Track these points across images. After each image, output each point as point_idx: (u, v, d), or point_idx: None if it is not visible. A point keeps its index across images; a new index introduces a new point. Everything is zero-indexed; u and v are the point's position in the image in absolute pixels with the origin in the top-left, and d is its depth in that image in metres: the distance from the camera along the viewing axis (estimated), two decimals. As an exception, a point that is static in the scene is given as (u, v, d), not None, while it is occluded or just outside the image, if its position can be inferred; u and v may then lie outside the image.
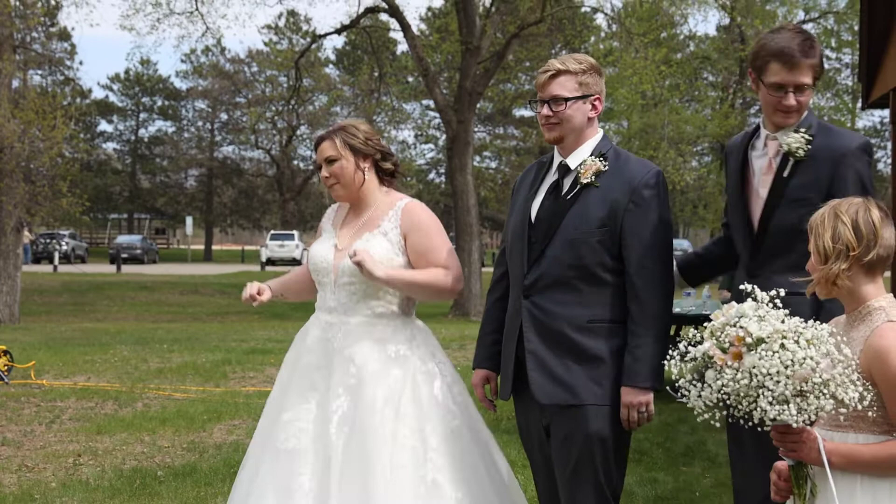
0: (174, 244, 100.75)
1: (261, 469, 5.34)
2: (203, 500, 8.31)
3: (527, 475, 8.58)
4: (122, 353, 18.58)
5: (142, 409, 12.62)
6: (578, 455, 5.01)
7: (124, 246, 68.20)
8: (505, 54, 31.30)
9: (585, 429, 4.97)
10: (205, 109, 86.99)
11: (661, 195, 5.00)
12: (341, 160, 5.52)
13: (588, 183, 5.02)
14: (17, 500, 8.43)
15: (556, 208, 5.08)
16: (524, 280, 5.13)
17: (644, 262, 4.91)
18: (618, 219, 4.93)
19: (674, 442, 10.55)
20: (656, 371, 4.87)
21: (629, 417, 4.91)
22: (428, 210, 5.65)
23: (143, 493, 8.66)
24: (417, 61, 31.45)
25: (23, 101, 28.88)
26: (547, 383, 5.09)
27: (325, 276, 5.55)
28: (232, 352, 18.61)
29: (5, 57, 27.63)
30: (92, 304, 36.09)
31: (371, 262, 5.19)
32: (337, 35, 38.25)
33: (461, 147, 30.42)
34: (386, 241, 5.46)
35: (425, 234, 5.51)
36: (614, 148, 5.13)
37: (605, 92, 5.23)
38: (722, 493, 8.55)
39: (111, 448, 10.40)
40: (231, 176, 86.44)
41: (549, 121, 5.14)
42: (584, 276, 4.98)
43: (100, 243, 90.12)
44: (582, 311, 4.99)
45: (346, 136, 5.55)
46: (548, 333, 5.07)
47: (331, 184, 5.58)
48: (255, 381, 15.00)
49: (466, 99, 30.17)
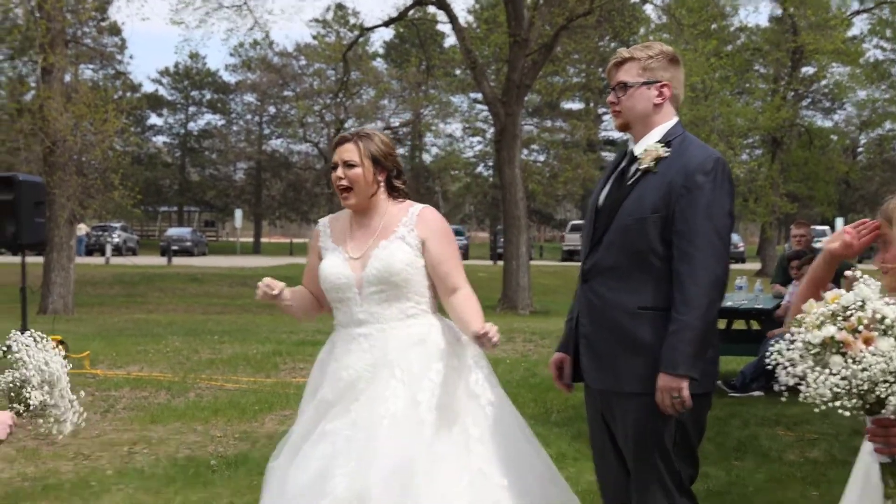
0: (223, 237, 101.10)
1: (292, 475, 5.30)
2: (256, 489, 8.33)
3: (578, 467, 8.64)
4: (173, 344, 18.71)
5: (194, 399, 12.73)
6: (634, 444, 5.03)
7: (175, 238, 68.55)
8: (553, 46, 31.21)
9: (634, 417, 4.99)
10: (253, 103, 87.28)
11: (718, 182, 4.91)
12: (360, 167, 5.50)
13: (647, 169, 5.01)
14: (74, 487, 8.55)
15: (617, 195, 5.10)
16: (584, 264, 5.19)
17: (690, 249, 4.85)
18: (671, 204, 4.90)
19: (725, 436, 10.51)
20: (692, 359, 4.81)
21: (663, 402, 4.86)
22: (442, 217, 5.69)
23: (197, 481, 8.75)
24: (465, 54, 31.43)
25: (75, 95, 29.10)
26: (596, 368, 5.14)
27: (346, 292, 5.51)
28: (282, 343, 18.69)
29: (58, 52, 27.84)
30: (143, 296, 36.31)
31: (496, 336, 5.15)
32: (385, 28, 38.33)
33: (509, 140, 30.36)
34: (406, 244, 5.46)
35: (443, 242, 5.54)
36: (684, 135, 5.09)
37: (678, 79, 5.18)
38: (775, 488, 8.54)
39: (165, 437, 10.50)
40: (279, 169, 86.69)
41: (613, 107, 5.19)
42: (637, 263, 4.98)
43: (150, 236, 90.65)
44: (633, 297, 4.98)
45: (369, 143, 5.52)
46: (600, 318, 5.09)
47: (343, 187, 5.52)
48: (306, 373, 14.97)
49: (514, 91, 30.10)
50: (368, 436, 5.17)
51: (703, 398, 5.02)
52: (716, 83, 38.72)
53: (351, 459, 5.13)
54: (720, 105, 41.11)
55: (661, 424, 4.95)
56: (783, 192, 52.09)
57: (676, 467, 5.01)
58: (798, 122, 55.39)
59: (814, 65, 54.04)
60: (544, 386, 13.24)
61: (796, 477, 8.94)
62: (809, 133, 56.74)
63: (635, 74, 5.11)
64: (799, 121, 55.95)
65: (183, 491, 8.42)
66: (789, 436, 10.51)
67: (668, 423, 4.96)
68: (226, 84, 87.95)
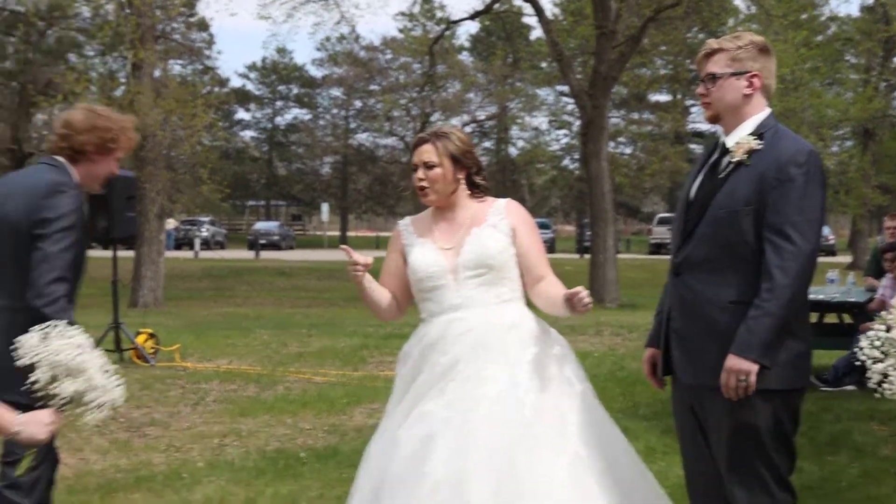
0: (310, 230, 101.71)
1: (390, 459, 5.26)
2: (345, 482, 8.36)
3: (667, 461, 8.59)
4: (262, 338, 18.84)
5: (283, 392, 12.81)
6: (729, 438, 4.98)
7: (262, 232, 69.21)
8: (640, 38, 30.96)
9: (728, 411, 4.93)
10: (339, 97, 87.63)
11: (811, 174, 4.85)
12: (440, 167, 5.51)
13: (739, 161, 4.97)
14: (166, 478, 8.65)
15: (709, 187, 5.07)
16: (675, 258, 5.16)
17: (780, 241, 4.80)
18: (763, 197, 4.85)
19: (818, 431, 10.38)
20: (765, 346, 4.76)
21: (727, 383, 4.82)
22: (525, 209, 5.73)
23: (287, 473, 8.81)
24: (552, 46, 31.30)
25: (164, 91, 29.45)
26: (688, 363, 5.11)
27: (441, 279, 5.51)
28: (369, 336, 18.75)
29: (147, 47, 28.18)
30: (231, 290, 36.64)
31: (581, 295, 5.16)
32: (471, 21, 38.32)
33: (596, 132, 30.21)
34: (498, 232, 5.48)
35: (531, 232, 5.59)
36: (776, 127, 5.04)
37: (769, 69, 5.12)
38: (869, 483, 8.43)
39: (254, 430, 10.58)
40: (366, 163, 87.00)
41: (703, 99, 5.17)
42: (729, 256, 4.94)
43: (238, 230, 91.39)
44: (725, 291, 4.95)
45: (447, 143, 5.52)
46: (691, 312, 5.06)
47: (424, 187, 5.54)
48: (393, 366, 15.04)
49: (601, 84, 29.93)
50: (466, 417, 5.17)
51: (797, 393, 4.99)
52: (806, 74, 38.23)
53: (449, 441, 5.13)
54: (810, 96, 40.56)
55: (756, 418, 4.90)
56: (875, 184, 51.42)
57: (775, 461, 4.96)
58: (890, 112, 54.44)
59: (906, 55, 53.20)
60: (632, 380, 13.18)
61: (890, 472, 8.82)
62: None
63: (724, 65, 5.07)
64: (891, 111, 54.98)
65: (273, 483, 8.48)
66: (883, 430, 10.38)
67: (763, 416, 4.90)
68: (312, 78, 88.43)
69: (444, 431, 5.17)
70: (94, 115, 5.77)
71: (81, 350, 4.33)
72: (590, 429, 5.31)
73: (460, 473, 5.04)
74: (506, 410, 5.18)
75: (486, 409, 5.18)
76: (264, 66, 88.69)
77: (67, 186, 5.55)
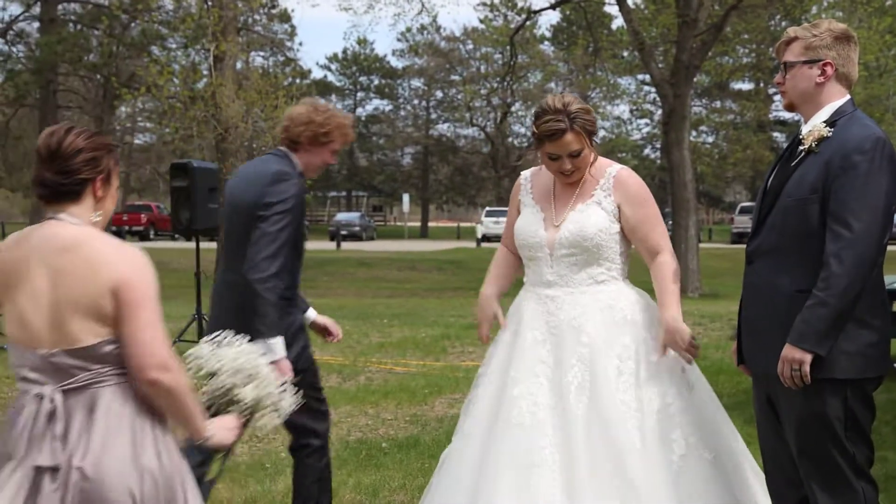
0: (391, 221, 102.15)
1: (492, 445, 5.35)
2: (427, 472, 8.41)
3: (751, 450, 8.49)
4: (344, 328, 18.74)
5: (364, 383, 12.86)
6: (799, 427, 4.97)
7: (343, 223, 69.46)
8: (723, 26, 30.71)
9: (799, 400, 4.92)
10: (420, 87, 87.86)
11: (876, 162, 4.77)
12: (585, 149, 5.48)
13: (809, 149, 4.94)
14: (249, 468, 8.72)
15: (782, 176, 5.06)
16: (748, 246, 5.16)
17: (840, 229, 4.75)
18: (828, 185, 4.82)
19: (903, 420, 10.28)
20: (819, 336, 4.73)
21: (783, 373, 4.82)
22: (638, 178, 5.67)
23: (369, 463, 8.85)
24: (633, 35, 31.13)
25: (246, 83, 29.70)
26: (757, 351, 5.12)
27: (538, 251, 5.56)
28: (450, 327, 18.76)
29: (230, 39, 28.42)
30: (313, 280, 36.81)
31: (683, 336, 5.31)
32: (552, 10, 38.28)
33: (678, 121, 30.03)
34: (601, 209, 5.48)
35: (640, 206, 5.55)
36: (852, 114, 4.98)
37: (847, 56, 5.06)
38: (953, 472, 8.32)
39: (336, 420, 10.61)
40: (446, 153, 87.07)
41: (780, 87, 5.17)
42: (797, 245, 4.92)
43: (320, 221, 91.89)
44: (792, 280, 4.93)
45: (583, 123, 5.45)
46: (760, 301, 5.07)
47: (571, 172, 5.52)
48: (475, 356, 15.09)
49: (683, 72, 29.74)
50: (562, 405, 5.28)
51: (869, 382, 4.95)
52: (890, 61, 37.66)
53: (552, 427, 5.24)
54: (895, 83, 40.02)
55: (827, 407, 4.88)
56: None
57: (850, 450, 4.92)
58: None
59: None
60: (714, 369, 13.08)
61: (977, 462, 8.70)
62: None
63: (798, 54, 5.06)
64: None
65: (356, 473, 8.52)
66: (968, 420, 10.24)
67: (833, 405, 4.88)
68: (393, 69, 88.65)
69: (545, 417, 5.27)
70: (313, 110, 6.30)
71: (255, 357, 4.47)
72: (695, 414, 5.41)
73: (567, 463, 5.16)
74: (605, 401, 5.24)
75: (574, 399, 5.26)
76: (345, 57, 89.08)
77: (290, 175, 6.07)
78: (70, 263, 3.85)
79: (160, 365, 3.83)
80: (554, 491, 5.09)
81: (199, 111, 28.83)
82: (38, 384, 3.89)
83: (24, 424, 3.87)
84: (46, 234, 3.94)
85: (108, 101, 51.13)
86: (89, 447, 3.80)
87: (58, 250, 3.88)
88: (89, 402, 3.86)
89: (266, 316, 5.83)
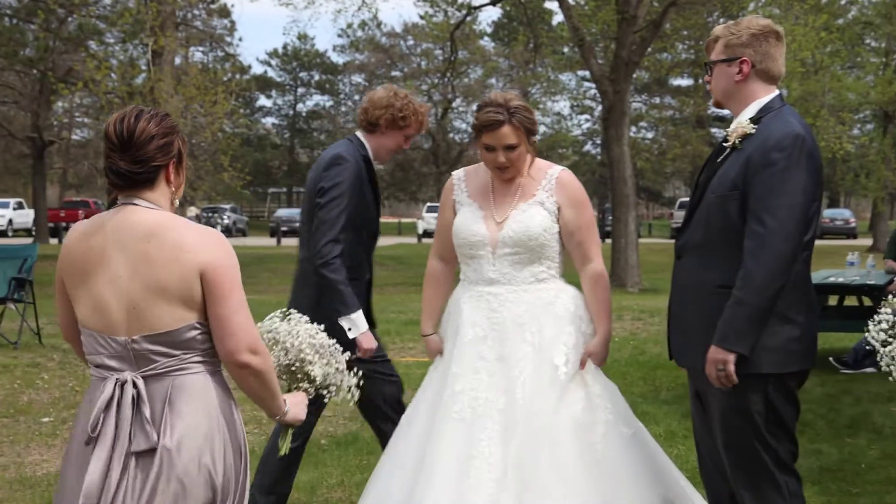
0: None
1: (433, 438, 5.39)
2: (366, 469, 8.41)
3: (687, 445, 8.58)
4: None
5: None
6: (722, 422, 5.04)
7: (284, 219, 69.19)
8: (661, 23, 30.86)
9: (720, 395, 4.98)
10: (361, 83, 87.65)
11: (794, 159, 4.81)
12: (521, 146, 5.52)
13: (733, 146, 5.01)
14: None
15: (709, 172, 5.13)
16: (677, 241, 5.24)
17: (757, 226, 4.79)
18: (747, 181, 4.86)
19: (838, 413, 10.38)
20: (739, 334, 4.78)
21: (709, 372, 4.87)
22: (579, 182, 5.72)
23: (308, 461, 8.79)
24: (573, 31, 31.21)
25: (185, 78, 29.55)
26: (684, 346, 5.19)
27: (480, 249, 5.57)
28: (391, 323, 18.73)
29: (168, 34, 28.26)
30: (253, 277, 36.61)
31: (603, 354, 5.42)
32: (492, 6, 38.25)
33: (617, 117, 30.15)
34: (544, 209, 5.52)
35: (580, 211, 5.61)
36: (779, 110, 5.01)
37: (766, 53, 5.07)
38: (889, 465, 8.42)
39: (275, 417, 10.58)
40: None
41: (708, 86, 5.25)
42: (720, 241, 4.97)
43: (260, 217, 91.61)
44: (714, 275, 4.97)
45: (522, 119, 5.51)
46: (686, 296, 5.13)
47: (505, 167, 5.55)
48: (415, 352, 15.10)
49: (622, 69, 29.85)
50: (506, 399, 5.32)
51: (792, 376, 4.99)
52: (826, 58, 38.03)
53: (491, 422, 5.29)
54: (831, 80, 40.39)
55: (749, 402, 4.94)
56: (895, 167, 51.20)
57: (772, 444, 4.97)
58: None
59: (928, 37, 53.00)
60: (653, 364, 13.19)
61: (911, 455, 8.81)
62: (923, 106, 55.58)
63: (719, 52, 5.14)
64: None
65: (293, 469, 8.48)
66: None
67: (756, 401, 4.93)
68: (334, 65, 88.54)
69: (484, 412, 5.32)
70: (393, 94, 6.58)
71: (326, 336, 4.58)
72: (611, 399, 5.50)
73: (505, 457, 5.22)
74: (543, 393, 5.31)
75: (523, 391, 5.31)
76: (286, 52, 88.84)
77: (344, 159, 6.30)
78: (156, 249, 3.85)
79: (251, 348, 3.90)
80: (490, 482, 5.12)
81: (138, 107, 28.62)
82: (117, 371, 3.90)
83: (104, 409, 3.86)
84: (126, 221, 3.92)
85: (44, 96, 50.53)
86: (174, 431, 3.82)
87: (141, 237, 3.87)
88: (170, 388, 3.88)
89: (340, 294, 6.11)
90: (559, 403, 5.27)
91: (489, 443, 5.22)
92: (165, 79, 27.92)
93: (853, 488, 7.90)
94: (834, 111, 39.68)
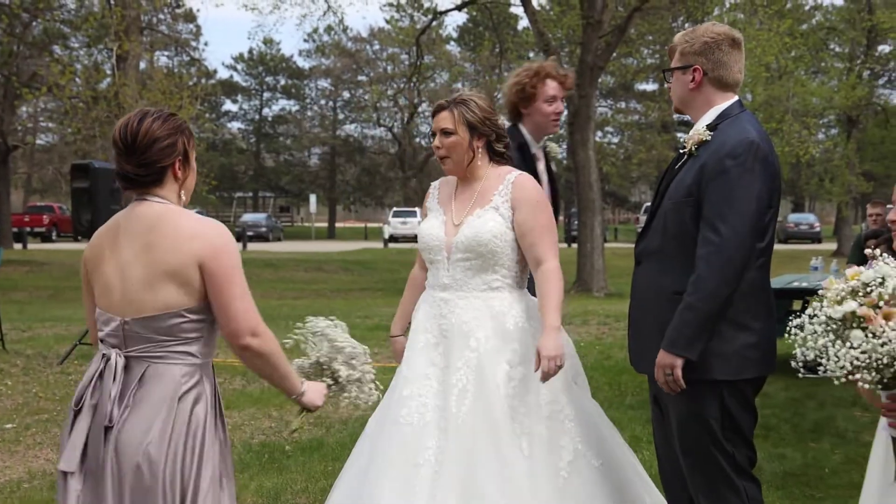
0: (298, 222, 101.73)
1: (381, 443, 5.39)
2: (331, 475, 8.39)
3: (652, 450, 8.53)
4: (249, 330, 18.73)
5: (269, 385, 12.72)
6: (678, 427, 5.07)
7: (250, 224, 69.07)
8: (627, 28, 30.98)
9: (676, 401, 5.02)
10: (327, 88, 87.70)
11: (748, 166, 4.82)
12: (456, 134, 5.52)
13: (689, 153, 5.03)
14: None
15: (668, 179, 5.14)
16: (637, 247, 5.24)
17: (709, 233, 4.81)
18: (702, 188, 4.87)
19: (802, 418, 10.43)
20: (688, 340, 4.80)
21: (657, 376, 4.91)
22: (537, 185, 5.67)
23: (272, 467, 8.80)
24: (538, 36, 31.26)
25: (150, 82, 29.45)
26: (642, 352, 5.19)
27: (437, 254, 5.56)
28: (356, 328, 18.58)
29: (133, 39, 28.15)
30: (219, 282, 36.56)
31: (559, 357, 5.23)
32: (458, 11, 38.32)
33: (583, 122, 30.26)
34: (498, 215, 5.48)
35: (533, 213, 5.50)
36: (736, 117, 5.02)
37: (719, 61, 5.07)
38: (852, 469, 8.44)
39: (240, 423, 10.56)
40: (353, 154, 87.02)
41: (670, 93, 5.27)
42: (676, 247, 4.98)
43: (226, 221, 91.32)
44: (670, 281, 4.98)
45: (465, 110, 5.52)
46: (644, 302, 5.16)
47: (442, 155, 5.60)
48: (380, 358, 15.06)
49: (588, 73, 29.92)
50: (446, 405, 5.30)
51: (747, 383, 5.01)
52: (790, 63, 38.21)
53: (435, 428, 5.26)
54: (795, 85, 40.59)
55: (704, 408, 4.96)
56: (859, 172, 51.68)
57: (729, 450, 4.99)
58: (874, 100, 54.72)
59: (889, 43, 53.49)
60: (618, 369, 13.20)
61: (874, 460, 8.84)
62: (885, 112, 55.92)
63: (676, 60, 5.18)
64: (875, 99, 55.25)
65: (258, 476, 8.47)
66: (866, 417, 10.39)
67: (711, 406, 4.96)
68: (300, 69, 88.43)
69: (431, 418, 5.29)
70: (516, 73, 6.81)
71: (357, 343, 4.88)
72: (581, 419, 5.44)
73: (444, 465, 5.15)
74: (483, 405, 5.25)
75: (461, 401, 5.29)
76: (251, 57, 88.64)
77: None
78: (157, 238, 4.09)
79: (251, 331, 4.14)
80: (434, 492, 5.09)
81: (102, 111, 28.52)
82: (111, 347, 4.14)
83: (90, 378, 4.11)
84: (135, 213, 4.18)
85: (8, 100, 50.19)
86: (130, 412, 4.03)
87: (146, 226, 4.12)
88: (144, 372, 4.08)
89: None
90: (495, 419, 5.22)
91: (435, 451, 5.20)
92: (130, 83, 27.81)
93: (817, 493, 7.93)
94: (798, 116, 39.89)
